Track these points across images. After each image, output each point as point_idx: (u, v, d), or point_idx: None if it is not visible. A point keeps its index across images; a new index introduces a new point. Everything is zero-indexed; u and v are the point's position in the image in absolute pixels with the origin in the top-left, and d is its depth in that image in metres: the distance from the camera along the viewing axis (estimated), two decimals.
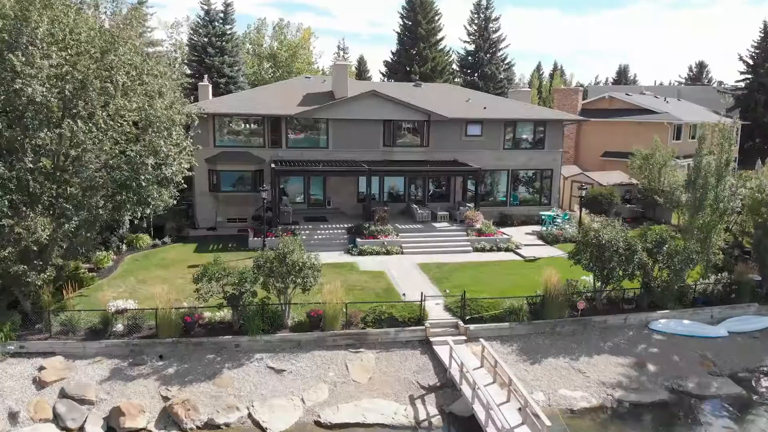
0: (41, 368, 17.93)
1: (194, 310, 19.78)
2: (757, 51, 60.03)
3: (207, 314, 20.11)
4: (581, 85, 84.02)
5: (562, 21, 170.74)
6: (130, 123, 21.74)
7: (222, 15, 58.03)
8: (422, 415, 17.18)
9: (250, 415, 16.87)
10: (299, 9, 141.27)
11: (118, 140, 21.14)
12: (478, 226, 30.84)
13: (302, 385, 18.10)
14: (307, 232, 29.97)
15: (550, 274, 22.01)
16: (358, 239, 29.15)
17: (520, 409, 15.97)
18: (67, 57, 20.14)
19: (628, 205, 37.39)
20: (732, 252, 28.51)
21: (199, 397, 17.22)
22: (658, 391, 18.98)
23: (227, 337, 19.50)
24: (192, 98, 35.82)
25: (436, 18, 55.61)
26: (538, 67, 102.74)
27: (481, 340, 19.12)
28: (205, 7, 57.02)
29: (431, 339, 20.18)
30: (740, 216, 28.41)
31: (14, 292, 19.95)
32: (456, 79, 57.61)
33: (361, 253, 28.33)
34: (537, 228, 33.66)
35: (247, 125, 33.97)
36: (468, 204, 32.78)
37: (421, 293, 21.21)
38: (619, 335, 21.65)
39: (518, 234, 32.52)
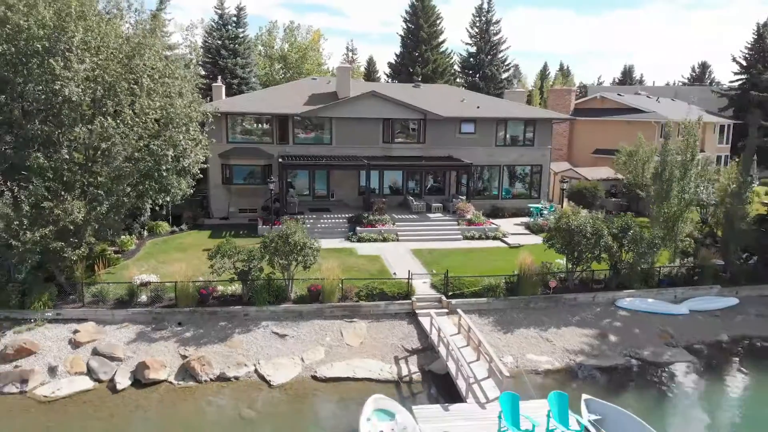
0: (76, 331, 20.75)
1: (209, 283, 22.57)
2: (751, 53, 61.93)
3: (220, 288, 22.88)
4: (584, 86, 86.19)
5: (576, 21, 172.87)
6: (153, 120, 24.52)
7: (235, 19, 60.91)
8: (404, 372, 19.81)
9: (256, 371, 19.59)
10: (312, 10, 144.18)
11: (142, 135, 23.91)
12: (468, 216, 33.40)
13: (302, 347, 20.80)
14: (312, 221, 32.66)
15: (525, 256, 24.60)
16: (358, 228, 31.81)
17: (488, 367, 18.51)
18: (99, 62, 23.00)
19: (613, 199, 39.74)
20: (704, 240, 30.85)
21: (213, 355, 19.96)
22: (617, 357, 21.46)
23: (237, 307, 22.26)
24: (207, 98, 38.68)
25: (438, 22, 58.25)
26: (544, 68, 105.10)
27: (459, 311, 21.70)
28: (219, 11, 59.93)
29: (417, 311, 22.79)
30: (717, 208, 30.80)
31: (50, 268, 22.79)
32: (457, 80, 60.10)
33: (360, 240, 30.99)
34: (526, 219, 36.14)
35: (257, 123, 36.71)
36: (461, 197, 35.36)
37: (408, 271, 23.86)
38: (587, 311, 24.15)
39: (508, 225, 35.03)
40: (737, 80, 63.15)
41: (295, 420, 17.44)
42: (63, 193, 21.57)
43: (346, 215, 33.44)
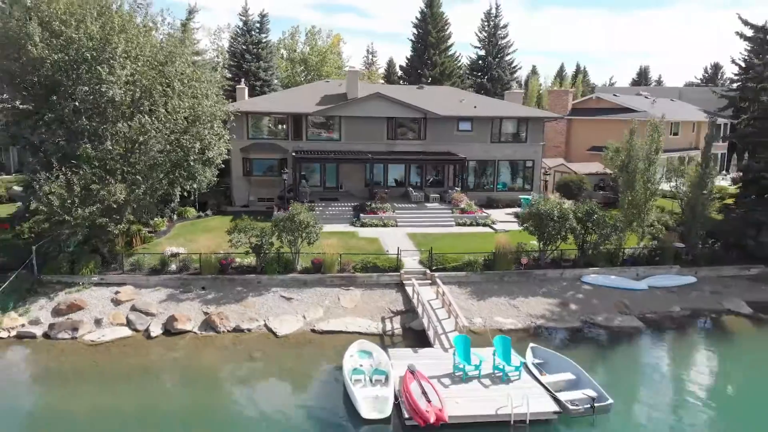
0: (117, 292, 25.00)
1: (228, 255, 26.66)
2: (750, 55, 64.07)
3: (237, 259, 26.95)
4: (594, 86, 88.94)
5: (607, 21, 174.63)
6: (183, 117, 28.66)
7: (258, 25, 65.23)
8: (388, 328, 23.62)
9: (265, 325, 23.58)
10: (341, 10, 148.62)
11: (173, 130, 28.06)
12: (462, 205, 37.04)
13: (304, 308, 24.74)
14: (321, 208, 36.59)
15: (503, 238, 28.23)
16: (362, 214, 35.67)
17: (454, 322, 22.20)
18: (137, 68, 27.24)
19: (601, 192, 42.93)
20: (677, 228, 33.94)
21: (230, 312, 24.01)
22: (573, 321, 24.96)
23: (251, 275, 26.32)
24: (231, 99, 42.93)
25: (445, 28, 61.84)
26: (561, 68, 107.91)
27: (437, 279, 25.43)
28: (243, 18, 64.37)
29: (404, 282, 26.54)
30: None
31: (95, 242, 27.03)
32: (464, 82, 63.60)
33: (363, 225, 34.85)
34: (517, 209, 39.56)
35: (275, 121, 40.79)
36: (456, 188, 39.00)
37: (398, 248, 27.68)
38: (554, 285, 27.66)
39: (500, 214, 38.52)
40: (737, 80, 65.31)
41: (294, 360, 21.36)
42: (107, 177, 25.81)
43: (352, 204, 37.34)
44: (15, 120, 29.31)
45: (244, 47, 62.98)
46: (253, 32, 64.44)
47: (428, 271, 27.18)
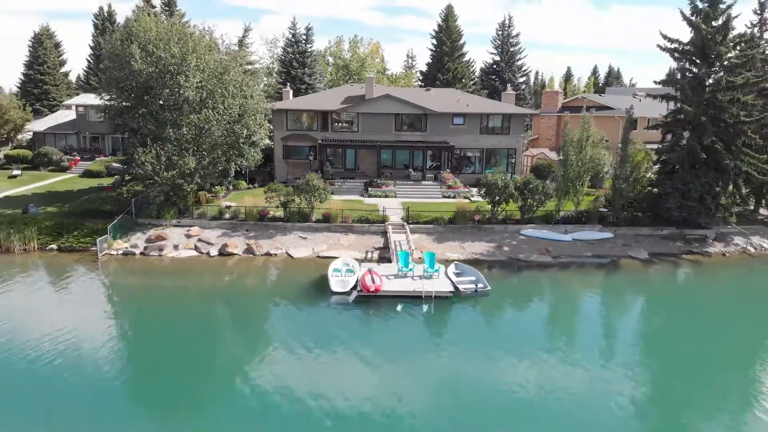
0: (188, 230, 36.68)
1: (265, 208, 37.97)
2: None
3: (271, 212, 38.22)
4: (620, 86, 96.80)
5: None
6: (235, 112, 40.10)
7: (304, 36, 77.03)
8: (369, 257, 34.29)
9: (286, 252, 34.70)
10: (402, 12, 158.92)
11: (229, 121, 39.54)
12: (449, 183, 47.24)
13: (314, 243, 35.72)
14: (340, 183, 47.53)
15: (467, 204, 38.40)
16: (370, 188, 46.42)
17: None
18: (204, 77, 38.87)
19: None
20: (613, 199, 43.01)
21: (263, 244, 35.25)
22: (501, 257, 34.94)
23: (280, 222, 37.54)
24: (279, 99, 54.49)
25: (458, 38, 71.77)
26: (595, 70, 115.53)
27: (407, 228, 35.99)
28: (292, 31, 76.28)
29: (387, 230, 37.13)
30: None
31: (173, 198, 38.81)
32: (475, 84, 73.37)
33: (370, 195, 45.56)
34: None
35: (307, 116, 51.98)
36: (447, 170, 49.23)
37: (383, 206, 38.39)
38: (498, 235, 37.65)
39: None
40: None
41: (301, 270, 32.29)
42: (183, 152, 37.54)
43: (364, 181, 48.16)
44: (120, 113, 41.55)
45: (292, 56, 74.89)
46: (299, 43, 76.31)
47: (405, 223, 37.71)
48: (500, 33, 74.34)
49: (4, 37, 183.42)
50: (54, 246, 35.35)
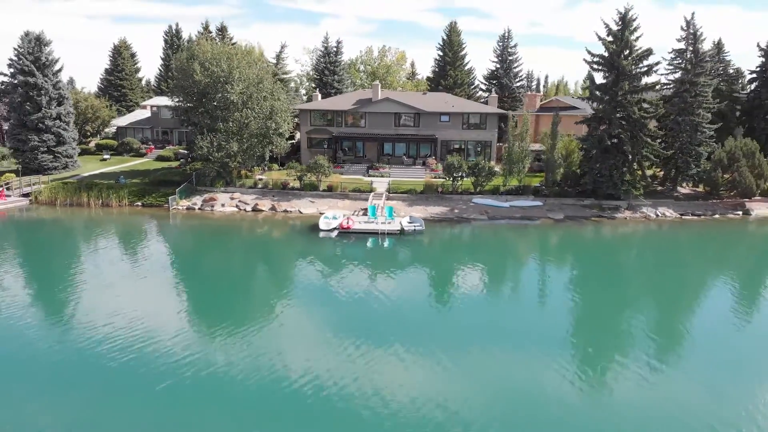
0: (232, 195, 51.79)
1: (286, 181, 52.70)
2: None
3: (290, 183, 52.91)
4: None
5: (742, 17, 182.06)
6: (267, 111, 54.82)
7: (335, 48, 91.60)
8: (356, 213, 48.42)
9: (299, 210, 49.24)
10: (461, 13, 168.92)
11: (263, 118, 54.30)
12: (432, 167, 60.81)
13: (319, 205, 50.12)
14: (348, 166, 61.79)
15: (431, 177, 52.08)
16: (370, 170, 60.49)
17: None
18: (245, 86, 53.78)
19: (537, 162, 64.72)
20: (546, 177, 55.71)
21: (283, 204, 49.94)
22: (451, 216, 48.42)
23: (296, 191, 52.26)
24: (310, 100, 69.10)
25: (460, 50, 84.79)
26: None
27: (384, 195, 50.02)
28: (325, 45, 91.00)
29: (369, 197, 51.15)
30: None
31: (222, 173, 53.91)
32: (473, 88, 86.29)
33: (369, 175, 59.57)
34: None
35: (326, 115, 66.41)
36: (432, 157, 62.83)
37: (371, 181, 52.47)
38: (454, 203, 51.10)
39: None
40: None
41: (307, 221, 46.63)
42: (229, 140, 52.54)
43: (367, 165, 62.28)
44: (185, 111, 57.02)
45: (324, 65, 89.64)
46: (330, 54, 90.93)
47: (387, 193, 51.67)
48: (500, 44, 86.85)
49: (83, 42, 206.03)
50: (138, 203, 51.09)
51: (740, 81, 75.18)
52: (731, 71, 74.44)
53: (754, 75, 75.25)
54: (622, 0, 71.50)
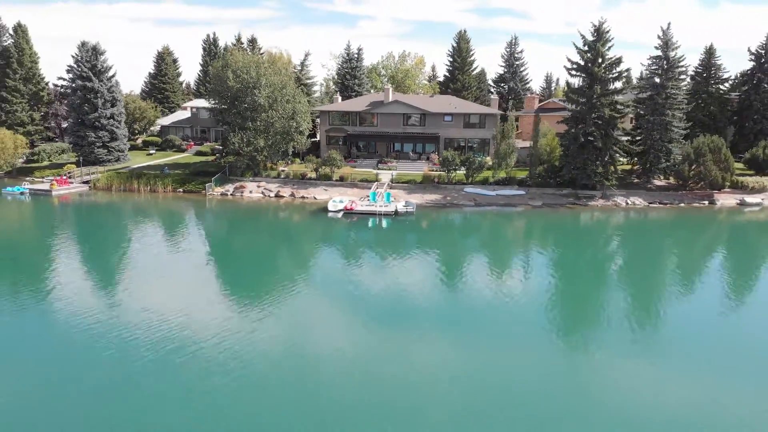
0: (258, 183, 60.88)
1: (304, 172, 61.52)
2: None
3: (308, 174, 61.71)
4: None
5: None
6: (290, 112, 63.62)
7: (356, 55, 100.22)
8: (361, 199, 56.91)
9: (313, 197, 58.00)
10: (497, 14, 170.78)
11: (286, 118, 63.14)
12: (435, 161, 68.88)
13: (332, 193, 58.74)
14: (361, 161, 70.29)
15: (430, 170, 60.30)
16: (379, 164, 68.88)
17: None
18: (271, 90, 62.71)
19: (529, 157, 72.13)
20: (529, 170, 63.25)
21: (301, 192, 58.78)
22: (444, 202, 56.48)
23: (312, 180, 61.07)
24: (331, 102, 77.87)
25: (468, 56, 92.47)
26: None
27: (386, 184, 58.38)
28: (347, 51, 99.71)
29: (373, 186, 59.55)
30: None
31: (251, 165, 63.00)
32: (479, 91, 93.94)
33: (378, 169, 67.91)
34: None
35: (342, 115, 74.98)
36: (434, 152, 70.94)
37: (377, 173, 60.96)
38: (448, 191, 59.13)
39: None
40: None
41: (320, 205, 55.24)
42: (257, 136, 61.56)
43: (377, 160, 70.69)
44: (220, 112, 66.32)
45: (346, 70, 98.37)
46: (352, 60, 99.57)
47: (389, 182, 60.03)
48: (507, 50, 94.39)
49: (127, 43, 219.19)
50: (180, 190, 60.56)
51: (733, 83, 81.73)
52: (722, 75, 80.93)
53: (744, 78, 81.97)
54: (663, 0, 77.96)
